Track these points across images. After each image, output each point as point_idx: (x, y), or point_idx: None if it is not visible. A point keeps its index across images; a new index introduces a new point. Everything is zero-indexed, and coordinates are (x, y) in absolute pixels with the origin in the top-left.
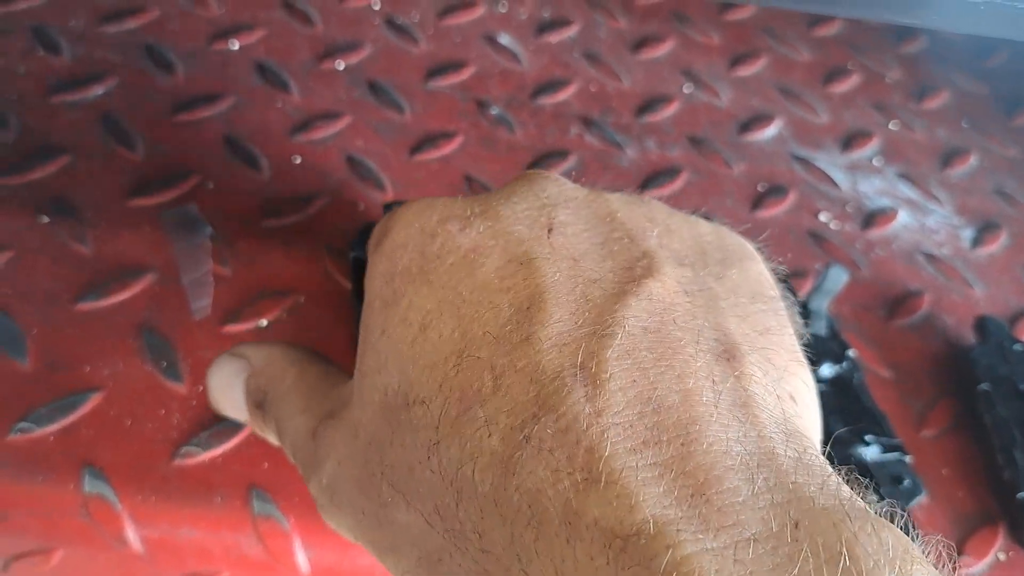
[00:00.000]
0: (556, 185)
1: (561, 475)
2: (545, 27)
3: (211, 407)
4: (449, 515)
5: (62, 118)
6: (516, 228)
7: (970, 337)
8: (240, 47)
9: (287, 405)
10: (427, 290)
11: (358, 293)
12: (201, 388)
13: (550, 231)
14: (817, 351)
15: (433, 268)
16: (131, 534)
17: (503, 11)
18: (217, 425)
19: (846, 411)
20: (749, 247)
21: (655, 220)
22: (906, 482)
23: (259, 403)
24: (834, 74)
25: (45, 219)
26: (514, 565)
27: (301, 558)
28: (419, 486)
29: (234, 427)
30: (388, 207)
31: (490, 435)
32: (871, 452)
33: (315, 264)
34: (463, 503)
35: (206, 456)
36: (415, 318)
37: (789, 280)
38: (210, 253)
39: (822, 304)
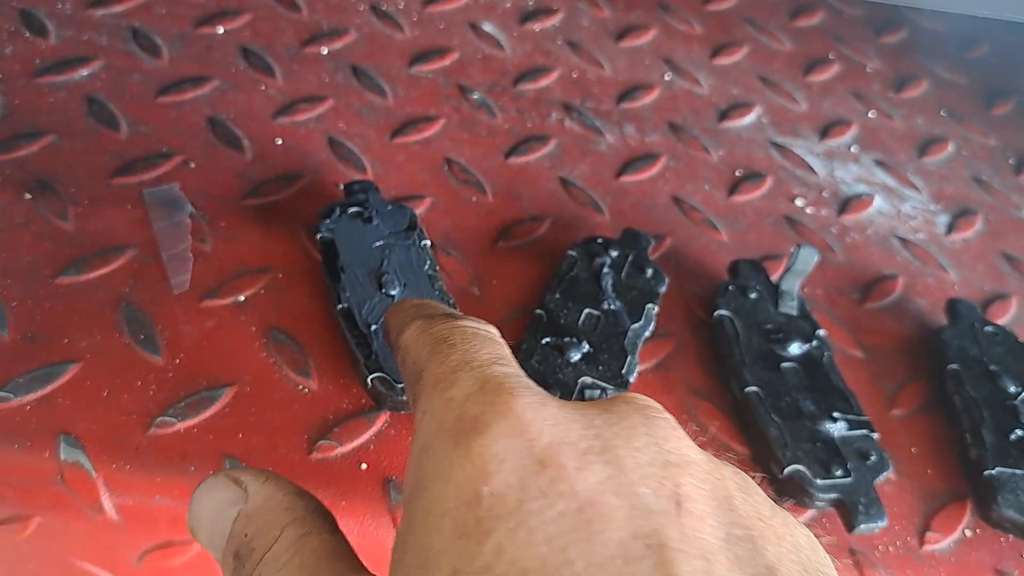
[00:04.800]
0: (676, 436)
1: None
2: (529, 15)
3: (188, 527)
4: None
5: (48, 99)
6: (642, 490)
7: (942, 320)
8: (225, 31)
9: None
10: (525, 538)
11: (329, 272)
12: (178, 360)
13: (679, 505)
14: (787, 330)
15: (538, 511)
16: (106, 502)
17: None
18: (192, 396)
19: (815, 389)
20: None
21: (764, 518)
22: (873, 458)
23: (239, 554)
24: (815, 64)
25: (28, 196)
26: None
27: None
28: None
29: (209, 398)
30: (348, 187)
31: None
32: (838, 428)
33: (293, 242)
34: None
35: (181, 426)
36: (504, 573)
37: (762, 263)
38: (190, 230)
39: (793, 284)
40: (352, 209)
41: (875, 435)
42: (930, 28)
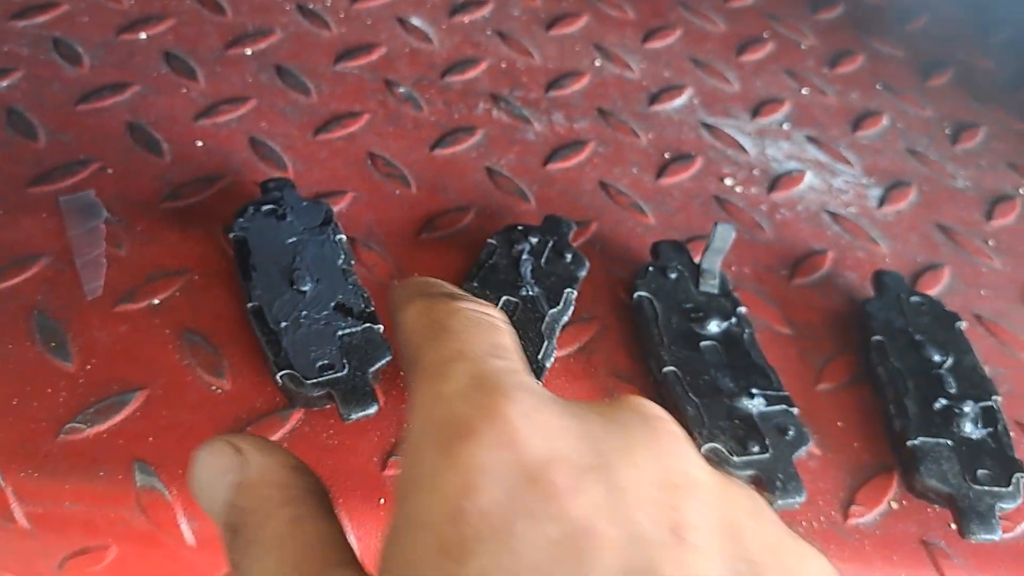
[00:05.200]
0: (681, 453)
1: None
2: (458, 8)
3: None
4: None
5: None
6: (640, 516)
7: (871, 293)
8: (148, 36)
9: (261, 560)
10: (511, 565)
11: (241, 270)
12: (89, 366)
13: (678, 536)
14: (707, 309)
15: (525, 534)
16: (17, 510)
17: None
18: (103, 401)
19: (734, 366)
20: None
21: (774, 550)
22: (791, 432)
23: (233, 526)
24: (748, 43)
25: None
26: None
27: (185, 528)
28: None
29: (120, 403)
30: (264, 184)
31: None
32: (756, 404)
33: (211, 243)
34: None
35: (91, 432)
36: None
37: (686, 244)
38: (104, 236)
39: (714, 263)
40: (266, 207)
41: (794, 410)
42: (870, 3)
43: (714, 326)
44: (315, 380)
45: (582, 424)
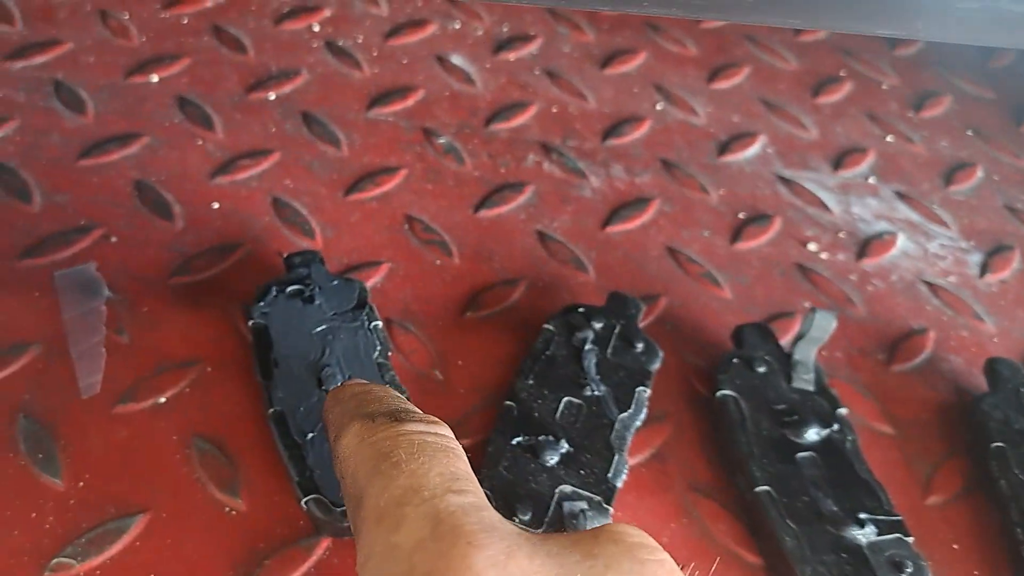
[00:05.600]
0: None
1: None
2: (503, 44)
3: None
4: None
5: None
6: None
7: (982, 382)
8: (160, 79)
9: None
10: None
11: (261, 367)
12: (82, 483)
13: None
14: (802, 411)
15: None
16: None
17: (456, 28)
18: (97, 528)
19: (837, 483)
20: None
21: None
22: (908, 570)
23: None
24: (824, 83)
25: None
26: None
27: None
28: None
29: (117, 530)
30: (288, 259)
31: None
32: (866, 534)
33: (227, 326)
34: None
35: (81, 569)
36: None
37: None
38: (104, 319)
39: (809, 353)
40: (291, 287)
41: (910, 539)
42: None
43: (812, 433)
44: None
45: (558, 566)
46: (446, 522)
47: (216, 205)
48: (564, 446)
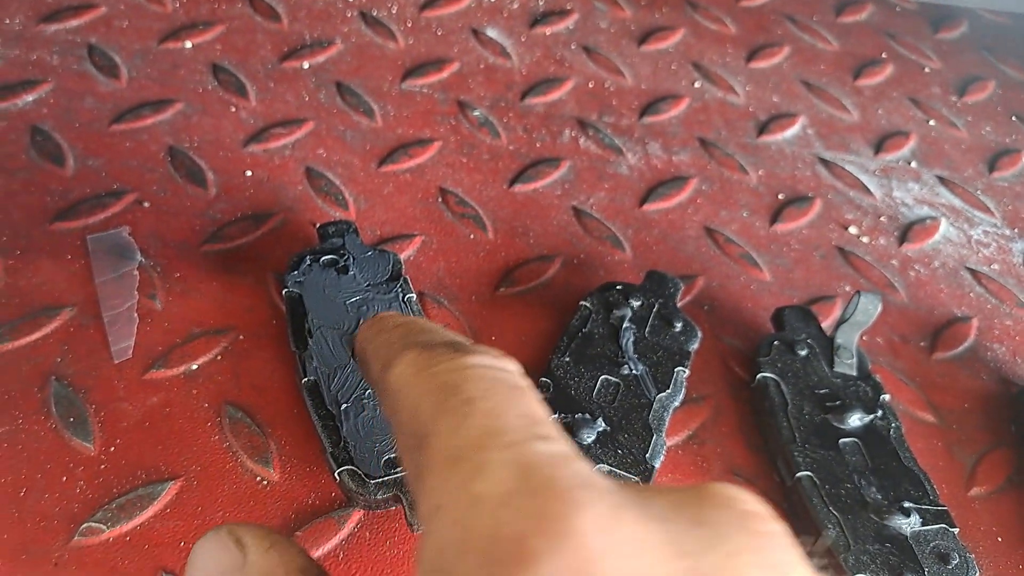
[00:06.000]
0: (789, 561)
1: None
2: (539, 18)
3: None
4: None
5: None
6: None
7: None
8: (194, 46)
9: None
10: None
11: (295, 336)
12: (113, 448)
13: None
14: (845, 396)
15: None
16: None
17: (492, 1)
18: (127, 494)
19: (880, 471)
20: None
21: None
22: (954, 560)
23: None
24: (865, 65)
25: None
26: None
27: None
28: None
29: (147, 496)
30: (322, 229)
31: None
32: (911, 523)
33: (260, 294)
34: None
35: (111, 534)
36: None
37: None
38: (137, 284)
39: (852, 338)
40: (325, 257)
41: (955, 530)
42: (993, 20)
43: (855, 419)
44: (380, 479)
45: (667, 532)
46: (538, 474)
47: (249, 173)
48: (601, 425)
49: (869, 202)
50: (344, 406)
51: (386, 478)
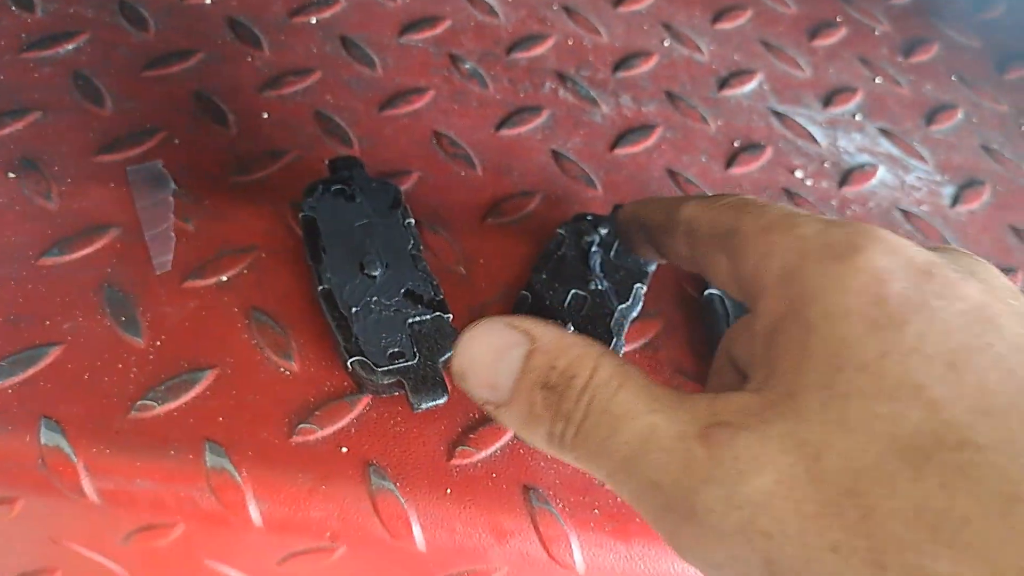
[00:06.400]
0: (999, 278)
1: None
2: None
3: (455, 372)
4: None
5: (33, 75)
6: (1014, 302)
7: None
8: (213, 2)
9: (622, 399)
10: (941, 326)
11: (311, 252)
12: (159, 342)
13: None
14: None
15: (941, 307)
16: (87, 486)
17: None
18: (173, 379)
19: None
20: None
21: None
22: None
23: (553, 386)
24: (820, 27)
25: (12, 176)
26: None
27: (253, 510)
28: (981, 539)
29: (190, 381)
30: (332, 163)
31: None
32: None
33: (278, 220)
34: None
35: (161, 410)
36: (935, 352)
37: None
38: (172, 209)
39: None
40: (335, 187)
41: None
42: None
43: None
44: (386, 368)
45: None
46: (834, 222)
47: (266, 115)
48: (570, 328)
49: (815, 150)
50: (355, 309)
51: (391, 367)
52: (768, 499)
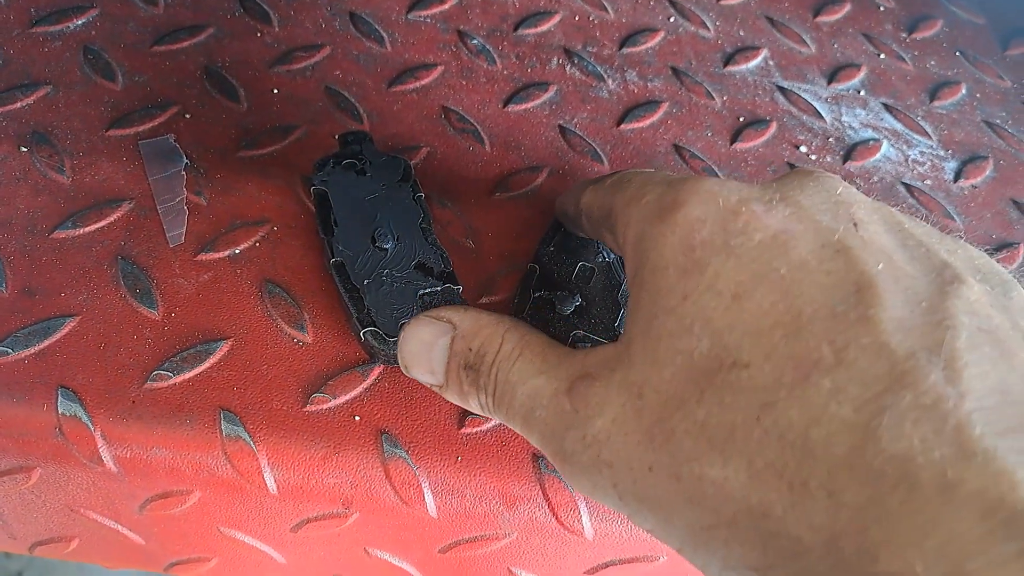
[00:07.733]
0: (843, 185)
1: (930, 445)
2: None
3: (402, 365)
4: (788, 472)
5: (43, 49)
6: (821, 218)
7: None
8: None
9: (518, 367)
10: (735, 262)
11: (323, 224)
12: (174, 314)
13: (855, 225)
14: None
15: (740, 244)
16: (104, 454)
17: None
18: (188, 349)
19: None
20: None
21: (936, 238)
22: None
23: (471, 365)
24: (825, 4)
25: (24, 150)
26: (873, 522)
27: (268, 478)
28: (742, 444)
29: (205, 352)
30: (342, 137)
31: (840, 404)
32: None
33: (290, 194)
34: (806, 462)
35: (177, 380)
36: (725, 287)
37: None
38: (185, 183)
39: None
40: (346, 161)
41: None
42: None
43: None
44: (397, 338)
45: (761, 182)
46: (676, 179)
47: (276, 91)
48: (578, 300)
49: (819, 125)
50: (366, 282)
51: None
52: (607, 436)
